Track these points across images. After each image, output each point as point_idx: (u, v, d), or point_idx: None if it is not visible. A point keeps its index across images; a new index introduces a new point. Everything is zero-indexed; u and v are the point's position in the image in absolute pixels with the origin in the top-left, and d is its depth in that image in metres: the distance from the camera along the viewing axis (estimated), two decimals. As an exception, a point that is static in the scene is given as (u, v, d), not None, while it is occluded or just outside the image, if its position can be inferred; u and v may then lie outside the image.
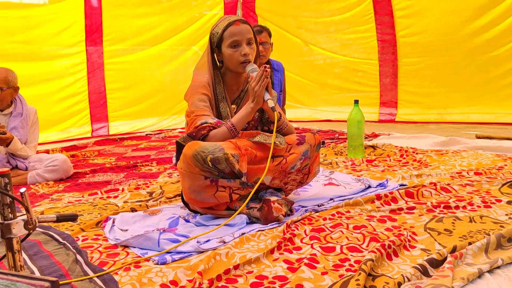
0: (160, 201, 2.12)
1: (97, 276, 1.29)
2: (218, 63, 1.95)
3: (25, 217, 0.95)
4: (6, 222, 0.92)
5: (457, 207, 1.75)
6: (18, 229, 0.93)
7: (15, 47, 4.91)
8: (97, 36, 5.43)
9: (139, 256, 1.45)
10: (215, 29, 1.88)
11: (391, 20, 5.29)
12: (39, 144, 3.61)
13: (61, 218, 1.07)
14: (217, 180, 1.67)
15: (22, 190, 0.93)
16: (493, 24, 4.50)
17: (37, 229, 1.72)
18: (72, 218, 1.10)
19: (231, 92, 1.96)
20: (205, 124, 1.76)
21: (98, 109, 5.57)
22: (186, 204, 1.91)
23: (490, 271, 1.20)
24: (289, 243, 1.49)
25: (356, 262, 1.32)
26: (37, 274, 1.35)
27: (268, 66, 1.80)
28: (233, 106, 1.94)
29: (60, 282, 1.26)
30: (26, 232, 0.95)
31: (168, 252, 1.46)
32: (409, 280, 1.15)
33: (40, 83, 5.10)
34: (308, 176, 1.96)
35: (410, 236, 1.48)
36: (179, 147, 1.80)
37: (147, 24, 5.87)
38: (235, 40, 1.82)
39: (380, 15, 5.38)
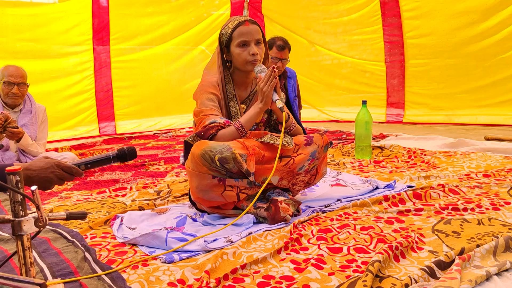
0: (168, 200, 2.13)
1: (106, 274, 1.30)
2: (227, 63, 1.96)
3: (35, 214, 0.96)
4: (17, 219, 0.93)
5: (465, 209, 1.74)
6: (28, 226, 0.94)
7: (23, 45, 4.96)
8: (104, 34, 5.47)
9: (147, 255, 1.46)
10: (224, 29, 1.89)
11: (398, 21, 5.27)
12: (48, 142, 3.64)
13: (70, 216, 1.08)
14: (225, 180, 1.68)
15: (33, 188, 0.94)
16: (501, 26, 4.46)
17: (46, 226, 1.74)
18: (82, 216, 1.11)
19: (240, 92, 1.97)
20: (213, 124, 1.77)
21: (105, 107, 5.60)
22: (193, 203, 1.92)
23: (498, 274, 1.19)
24: (296, 244, 1.49)
25: (363, 263, 1.32)
26: (47, 271, 1.36)
27: (276, 66, 1.80)
28: (243, 105, 1.95)
29: (69, 280, 1.28)
30: (37, 229, 0.96)
31: (175, 251, 1.47)
32: (416, 282, 1.15)
33: (47, 80, 5.15)
34: (316, 177, 1.96)
35: (417, 237, 1.48)
36: (187, 146, 1.80)
37: (155, 23, 5.90)
38: (243, 40, 1.83)
39: (387, 16, 5.36)
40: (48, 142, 4.36)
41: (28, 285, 0.63)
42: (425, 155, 2.96)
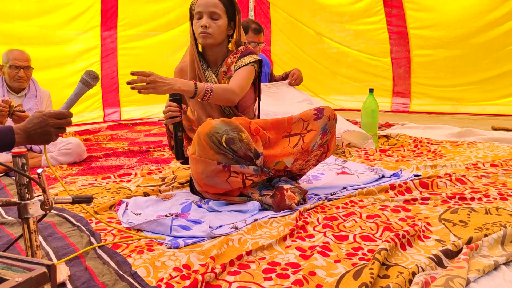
0: (173, 186, 2.13)
1: (111, 259, 1.30)
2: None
3: (41, 197, 0.96)
4: (23, 202, 0.92)
5: (472, 199, 1.73)
6: (34, 210, 0.94)
7: (30, 31, 4.91)
8: (112, 21, 5.42)
9: (152, 240, 1.46)
10: (192, 1, 1.92)
11: (401, 13, 5.19)
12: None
13: (76, 200, 1.08)
14: (230, 166, 1.67)
15: (39, 170, 0.93)
16: (510, 16, 4.39)
17: (51, 211, 1.74)
18: (88, 200, 1.11)
19: (212, 68, 1.98)
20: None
21: (110, 94, 5.59)
22: (196, 193, 1.91)
23: (506, 264, 1.18)
24: (301, 231, 1.48)
25: (369, 251, 1.31)
26: (52, 255, 1.36)
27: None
28: None
29: (70, 257, 1.28)
30: (43, 212, 0.96)
31: (180, 237, 1.47)
32: (423, 270, 1.14)
33: (54, 67, 5.12)
34: (326, 154, 1.92)
35: (424, 226, 1.47)
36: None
37: (161, 9, 5.83)
38: (198, 11, 1.85)
39: (390, 6, 5.28)
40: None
41: (36, 266, 0.62)
42: (431, 144, 2.93)
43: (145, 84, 1.63)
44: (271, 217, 1.63)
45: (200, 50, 2.00)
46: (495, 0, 4.44)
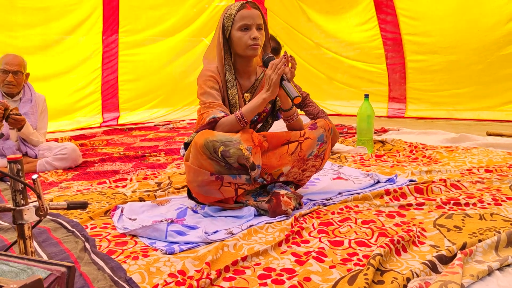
0: (168, 192, 2.13)
1: (106, 265, 1.30)
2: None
3: (36, 203, 0.96)
4: (18, 208, 0.92)
5: (467, 204, 1.74)
6: (29, 215, 0.94)
7: (33, 39, 4.90)
8: (114, 27, 5.44)
9: (148, 246, 1.46)
10: (228, 11, 1.84)
11: (395, 19, 5.23)
12: (49, 132, 3.62)
13: (71, 206, 1.08)
14: (222, 177, 1.66)
15: (35, 176, 0.93)
16: (504, 22, 4.43)
17: (46, 216, 1.73)
18: (83, 206, 1.10)
19: (243, 81, 1.92)
20: (212, 119, 1.73)
21: (110, 100, 5.60)
22: (193, 199, 1.91)
23: (500, 269, 1.19)
24: (297, 236, 1.49)
25: (364, 256, 1.31)
26: (47, 260, 1.36)
27: (288, 55, 1.76)
28: (247, 94, 1.91)
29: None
30: (37, 218, 0.96)
31: (176, 242, 1.47)
32: (418, 276, 1.14)
33: (55, 75, 5.12)
34: (322, 162, 1.93)
35: (419, 232, 1.47)
36: (188, 147, 1.79)
37: (161, 16, 5.86)
38: (245, 23, 1.79)
39: (384, 14, 5.32)
40: (51, 132, 4.36)
41: (57, 267, 0.63)
42: (426, 149, 2.95)
43: None
44: (267, 223, 1.63)
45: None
46: (489, 6, 4.48)
